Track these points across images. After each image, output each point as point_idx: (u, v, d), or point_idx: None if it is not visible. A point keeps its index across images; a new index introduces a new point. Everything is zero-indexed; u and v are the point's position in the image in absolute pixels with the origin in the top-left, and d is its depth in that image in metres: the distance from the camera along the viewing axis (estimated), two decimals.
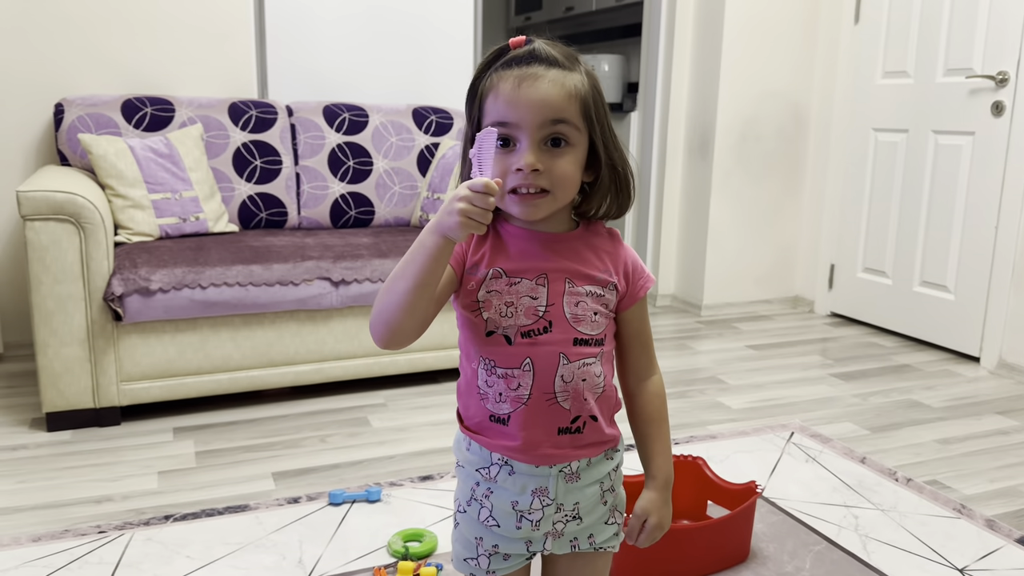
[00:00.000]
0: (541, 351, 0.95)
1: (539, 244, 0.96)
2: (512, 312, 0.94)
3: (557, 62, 0.92)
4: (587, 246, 0.99)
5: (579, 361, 0.96)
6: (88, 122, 2.72)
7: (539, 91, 0.89)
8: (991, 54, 3.02)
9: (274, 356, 2.49)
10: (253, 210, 2.91)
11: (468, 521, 1.03)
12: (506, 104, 0.90)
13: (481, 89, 0.93)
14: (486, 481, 1.00)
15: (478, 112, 0.93)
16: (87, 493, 1.96)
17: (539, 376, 0.95)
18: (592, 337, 0.97)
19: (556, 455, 0.98)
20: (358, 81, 3.38)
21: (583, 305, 0.97)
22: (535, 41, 0.93)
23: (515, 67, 0.91)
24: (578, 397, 0.97)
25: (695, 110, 3.81)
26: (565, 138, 0.92)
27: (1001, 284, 3.03)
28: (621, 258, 1.01)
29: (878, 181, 3.55)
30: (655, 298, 4.03)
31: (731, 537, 1.68)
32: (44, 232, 2.17)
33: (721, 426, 2.48)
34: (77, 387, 2.28)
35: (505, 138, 0.91)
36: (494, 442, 0.98)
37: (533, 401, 0.95)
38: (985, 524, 1.89)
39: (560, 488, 0.99)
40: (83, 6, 2.90)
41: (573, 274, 0.97)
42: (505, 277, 0.95)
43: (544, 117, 0.90)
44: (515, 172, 0.90)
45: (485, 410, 0.98)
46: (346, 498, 1.92)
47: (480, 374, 0.97)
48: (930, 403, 2.71)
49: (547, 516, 1.00)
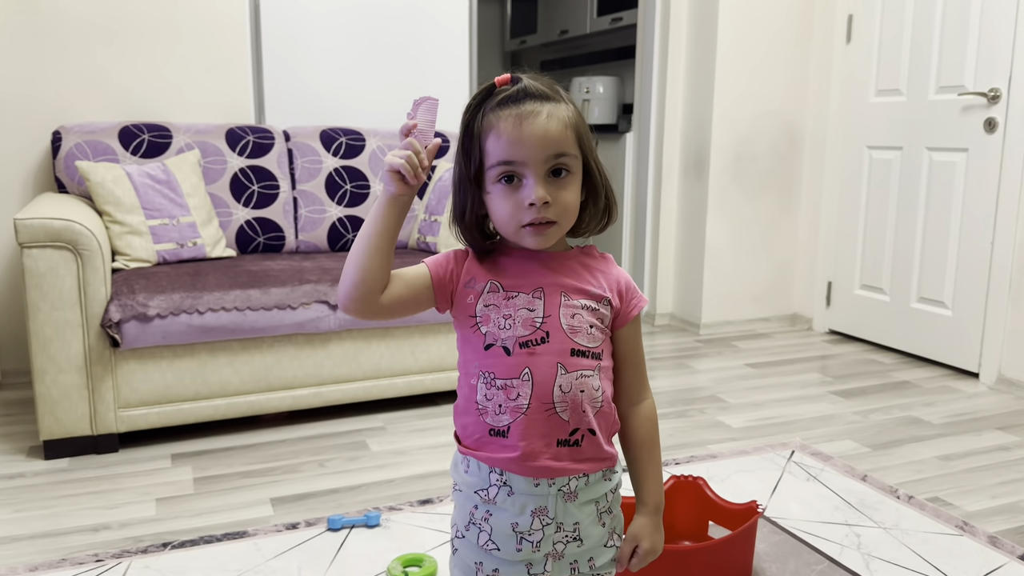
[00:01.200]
0: (539, 361, 0.97)
1: (536, 263, 1.00)
2: (510, 324, 0.97)
3: (548, 96, 0.96)
4: (581, 265, 1.03)
5: (576, 372, 0.98)
6: (86, 149, 2.73)
7: (540, 128, 0.93)
8: (983, 71, 3.04)
9: (272, 380, 2.49)
10: (251, 235, 2.92)
11: (467, 546, 1.03)
12: (509, 143, 0.93)
13: (477, 129, 0.96)
14: (485, 503, 1.00)
15: (479, 152, 0.96)
16: (84, 521, 1.95)
17: (538, 386, 0.97)
18: (589, 349, 1.00)
19: (555, 468, 0.98)
20: (355, 106, 3.40)
21: (579, 317, 0.99)
22: (522, 78, 0.97)
23: (510, 106, 0.94)
24: (576, 408, 0.98)
25: (690, 130, 3.83)
26: (567, 168, 0.96)
27: (998, 299, 3.03)
28: (614, 277, 1.05)
29: (873, 198, 3.56)
30: (653, 317, 4.03)
31: (733, 558, 1.67)
32: (41, 259, 2.18)
33: (721, 445, 2.47)
34: (74, 414, 2.27)
35: (510, 175, 0.94)
36: (494, 456, 0.99)
37: (532, 410, 0.97)
38: (988, 541, 1.88)
39: (559, 507, 1.00)
40: (80, 34, 2.93)
41: (568, 288, 1.00)
42: (502, 291, 0.98)
43: (548, 152, 0.94)
44: (528, 207, 0.94)
45: (484, 424, 0.99)
46: (345, 523, 1.91)
47: (479, 388, 0.98)
48: (930, 419, 2.70)
49: (547, 536, 1.00)
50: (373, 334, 2.60)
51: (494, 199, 0.96)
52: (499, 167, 0.94)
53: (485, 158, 0.95)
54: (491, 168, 0.95)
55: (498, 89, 0.96)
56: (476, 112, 0.96)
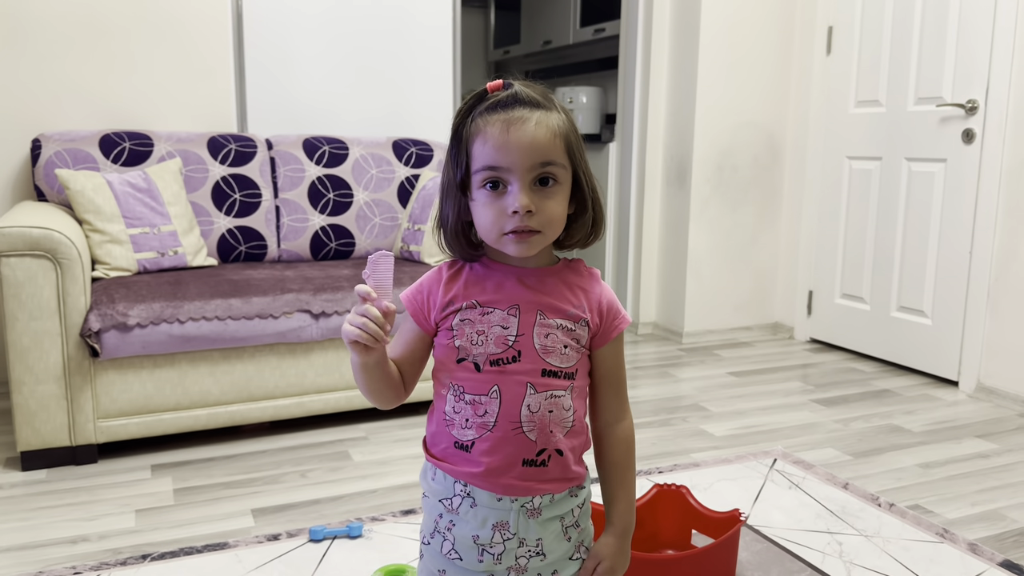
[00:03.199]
0: (509, 380, 0.96)
1: (515, 278, 0.99)
2: (483, 340, 0.96)
3: (539, 103, 0.94)
4: (563, 282, 1.00)
5: (547, 392, 0.97)
6: (66, 157, 2.71)
7: (527, 134, 0.91)
8: (960, 83, 3.08)
9: (253, 390, 2.47)
10: (232, 243, 2.90)
11: (432, 553, 1.03)
12: (496, 148, 0.91)
13: (466, 134, 0.94)
14: (448, 513, 1.00)
15: (466, 157, 0.94)
16: (63, 533, 1.92)
17: (505, 404, 0.96)
18: (561, 370, 0.98)
19: (519, 487, 0.97)
20: (338, 114, 3.40)
21: (553, 337, 0.98)
22: (514, 84, 0.95)
23: (499, 111, 0.92)
24: (544, 429, 0.97)
25: (672, 140, 3.86)
26: (554, 177, 0.94)
27: (977, 308, 3.06)
28: (596, 296, 1.02)
29: (853, 208, 3.60)
30: (637, 326, 4.04)
31: (716, 566, 1.67)
32: (20, 268, 2.15)
33: (704, 454, 2.48)
34: (53, 425, 2.24)
35: (495, 181, 0.92)
36: (458, 468, 0.98)
37: (499, 428, 0.96)
38: (968, 548, 1.89)
39: (521, 523, 0.99)
40: (61, 41, 2.91)
41: (545, 307, 0.98)
42: (479, 308, 0.97)
43: (534, 160, 0.91)
44: (511, 215, 0.92)
45: (451, 437, 0.99)
46: (327, 534, 1.89)
47: (448, 400, 0.98)
48: (911, 428, 2.72)
49: (509, 550, 0.99)
50: None
51: (478, 205, 0.94)
52: (484, 172, 0.92)
53: (471, 163, 0.93)
54: (476, 173, 0.93)
55: (490, 94, 0.94)
56: (466, 117, 0.95)
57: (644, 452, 2.48)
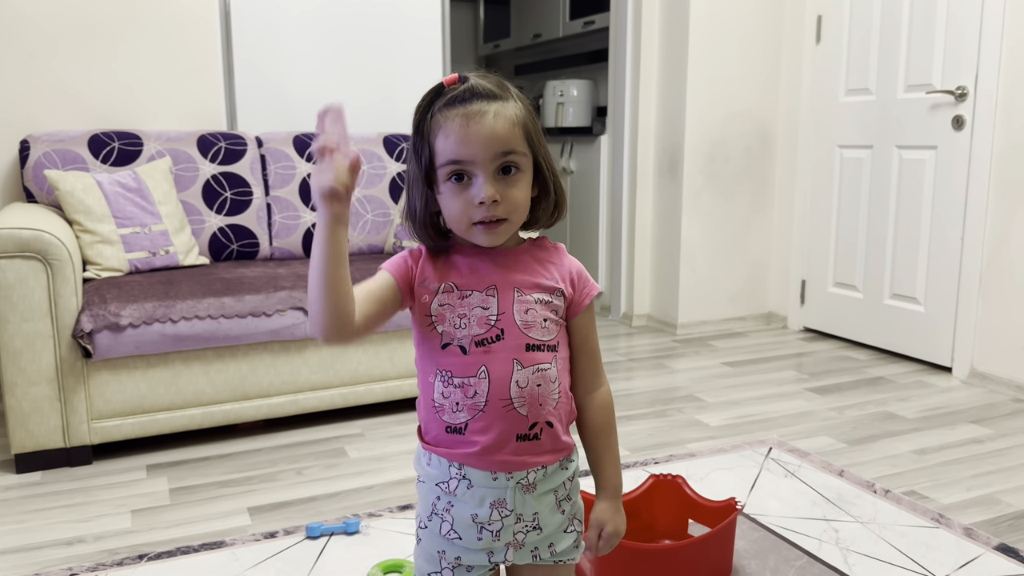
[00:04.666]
0: (495, 358, 0.98)
1: (488, 260, 1.01)
2: (465, 323, 0.98)
3: (495, 95, 0.96)
4: (534, 259, 1.04)
5: (533, 367, 0.99)
6: (55, 158, 2.70)
7: (487, 127, 0.94)
8: (950, 70, 3.09)
9: (248, 389, 2.46)
10: (224, 242, 2.89)
11: (430, 536, 1.05)
12: (458, 142, 0.94)
13: (426, 129, 0.97)
14: (446, 495, 1.02)
15: (429, 151, 0.96)
16: (58, 535, 1.92)
17: (494, 383, 0.98)
18: (544, 343, 1.01)
19: (514, 462, 1.00)
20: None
21: (532, 312, 1.00)
22: (469, 78, 0.97)
23: (458, 106, 0.95)
24: (534, 403, 0.99)
25: (663, 132, 3.85)
26: (516, 165, 0.97)
27: (969, 294, 3.07)
28: (566, 267, 1.06)
29: (845, 197, 3.60)
30: (631, 318, 4.04)
31: (713, 555, 1.67)
32: (10, 270, 2.14)
33: (700, 444, 2.48)
34: (47, 427, 2.24)
35: (460, 173, 0.95)
36: (453, 451, 1.00)
37: (490, 407, 0.98)
38: (963, 533, 1.90)
39: (518, 499, 1.01)
40: (47, 41, 2.89)
41: (521, 284, 1.01)
42: (456, 291, 0.99)
43: (495, 150, 0.94)
44: (478, 206, 0.95)
45: (441, 423, 1.00)
46: (324, 531, 1.89)
47: (436, 387, 1.00)
48: (905, 414, 2.73)
49: (507, 527, 1.02)
50: None
51: (445, 198, 0.97)
52: (448, 166, 0.95)
53: (435, 157, 0.96)
54: (441, 167, 0.96)
55: (446, 89, 0.97)
56: (425, 112, 0.97)
57: (640, 443, 2.49)
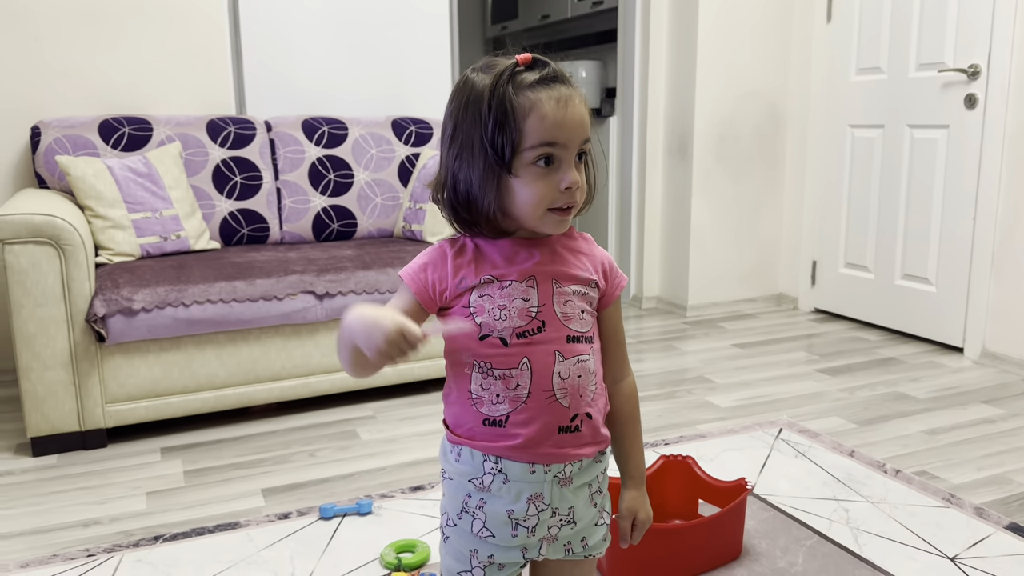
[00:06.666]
0: (537, 350, 0.97)
1: (523, 250, 0.99)
2: (506, 315, 0.96)
3: (571, 81, 0.96)
4: (565, 249, 1.02)
5: (574, 358, 0.98)
6: (65, 144, 2.71)
7: (578, 112, 0.94)
8: (962, 48, 3.06)
9: (260, 372, 2.48)
10: (234, 226, 2.90)
11: (460, 534, 1.02)
12: (555, 126, 0.92)
13: (513, 108, 0.92)
14: (479, 491, 1.00)
15: (518, 132, 0.92)
16: (75, 517, 1.94)
17: (537, 374, 0.96)
18: (582, 334, 1.00)
19: (556, 454, 0.98)
20: (337, 94, 3.38)
21: (571, 304, 0.99)
22: (548, 62, 0.95)
23: (545, 88, 0.93)
24: (575, 394, 0.98)
25: (673, 113, 3.83)
26: (588, 152, 0.97)
27: (981, 274, 3.06)
28: (598, 258, 1.05)
29: (856, 177, 3.58)
30: (640, 300, 4.04)
31: (723, 534, 1.68)
32: (24, 255, 2.16)
33: (710, 425, 2.49)
34: (62, 410, 2.26)
35: (550, 157, 0.93)
36: (491, 444, 0.98)
37: (532, 399, 0.96)
38: (974, 512, 1.90)
39: (555, 493, 1.00)
40: (56, 28, 2.89)
41: (558, 275, 0.99)
42: (496, 283, 0.97)
43: (582, 136, 0.95)
44: (562, 191, 0.94)
45: (478, 415, 0.98)
46: (337, 512, 1.91)
47: (474, 378, 0.98)
48: (916, 395, 2.73)
49: (542, 522, 1.00)
50: None
51: (524, 183, 0.93)
52: (541, 148, 0.92)
53: (524, 138, 0.92)
54: (529, 149, 0.92)
55: (522, 68, 0.93)
56: (505, 90, 0.92)
57: (649, 425, 2.49)
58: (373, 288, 2.53)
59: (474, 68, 0.98)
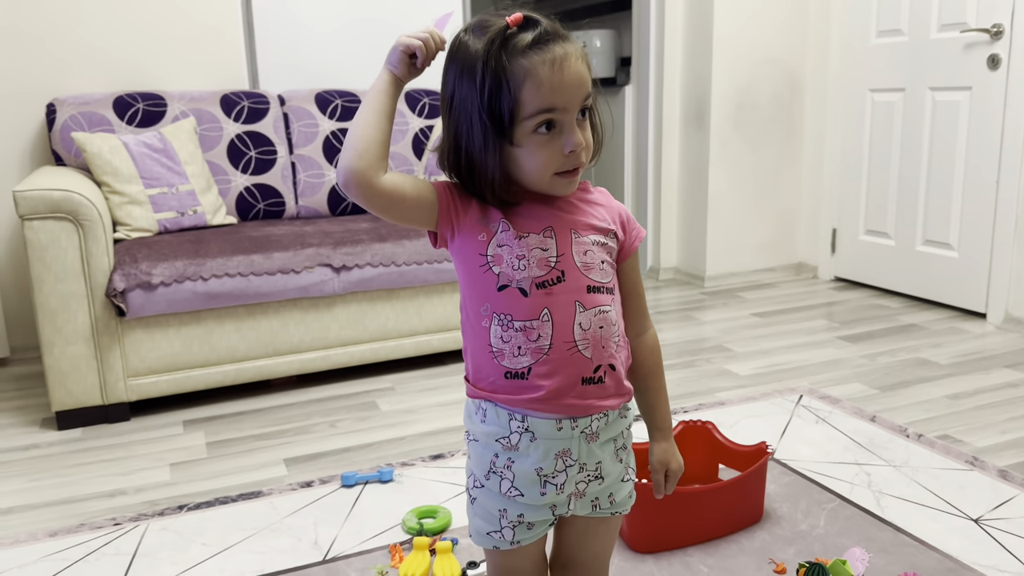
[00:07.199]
0: (557, 300, 0.96)
1: (541, 203, 0.98)
2: (524, 265, 0.96)
3: (565, 35, 0.92)
4: (582, 201, 1.02)
5: (595, 308, 0.97)
6: (81, 121, 2.71)
7: (575, 71, 0.91)
8: (984, 7, 2.99)
9: (279, 345, 2.49)
10: (251, 201, 2.91)
11: (488, 494, 1.02)
12: (552, 91, 0.90)
13: (507, 78, 0.89)
14: (507, 451, 0.99)
15: (514, 102, 0.89)
16: (101, 488, 1.97)
17: (558, 326, 0.95)
18: (603, 285, 0.99)
19: (580, 406, 0.98)
20: (349, 67, 3.36)
21: (591, 254, 0.98)
22: (534, 17, 0.92)
23: (539, 50, 0.89)
24: (597, 345, 0.97)
25: (689, 81, 3.79)
26: (590, 107, 0.95)
27: (1004, 239, 3.01)
28: (615, 209, 1.05)
29: (876, 142, 3.53)
30: (658, 271, 4.02)
31: (744, 498, 1.68)
32: (43, 231, 2.17)
33: (729, 392, 2.48)
34: (84, 385, 2.28)
35: (550, 122, 0.91)
36: (515, 397, 0.97)
37: (554, 351, 0.96)
38: (998, 474, 1.89)
39: (582, 448, 1.00)
40: (69, 4, 2.89)
41: (576, 225, 0.99)
42: (513, 231, 0.96)
43: (582, 95, 0.92)
44: (567, 155, 0.92)
45: (500, 368, 0.97)
46: (358, 479, 1.92)
47: (494, 331, 0.97)
48: (938, 360, 2.70)
49: (571, 478, 1.00)
50: (378, 296, 2.59)
51: (527, 151, 0.92)
52: (540, 115, 0.90)
53: (521, 107, 0.90)
54: (529, 118, 0.90)
55: (513, 30, 0.90)
56: (499, 57, 0.89)
57: (669, 393, 2.48)
58: (389, 260, 2.53)
59: (466, 28, 0.95)
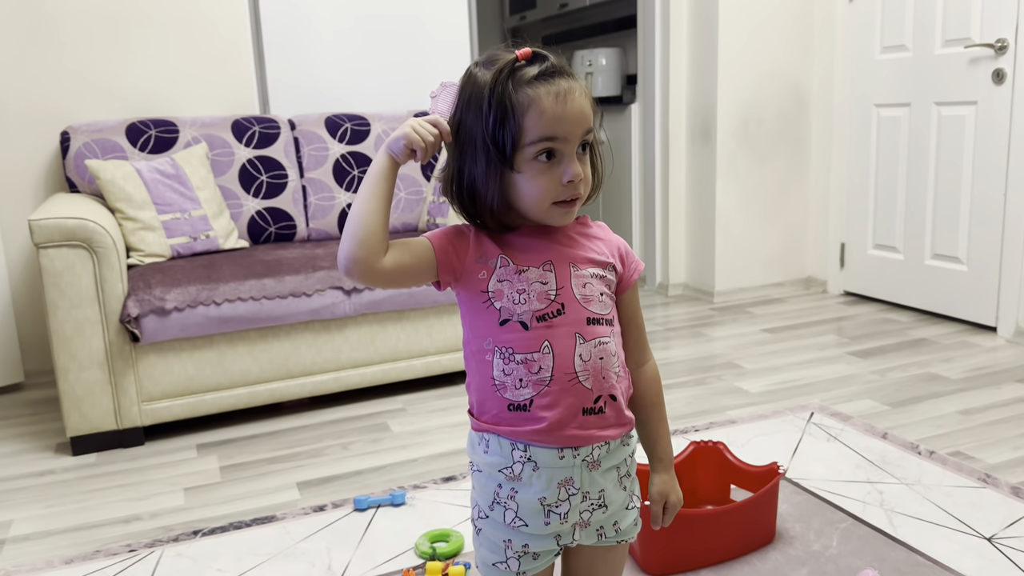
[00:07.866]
0: (557, 332, 0.98)
1: (539, 238, 1.01)
2: (525, 299, 0.98)
3: (572, 74, 0.97)
4: (581, 235, 1.04)
5: (595, 340, 0.99)
6: (94, 148, 2.75)
7: (578, 104, 0.95)
8: (988, 22, 3.00)
9: (291, 368, 2.51)
10: (262, 225, 2.94)
11: (492, 525, 1.03)
12: (554, 120, 0.93)
13: (514, 105, 0.93)
14: (509, 481, 1.00)
15: (517, 129, 0.94)
16: (115, 513, 1.98)
17: (558, 357, 0.97)
18: (602, 316, 1.01)
19: (581, 436, 0.99)
20: (358, 90, 3.40)
21: (590, 286, 1.01)
22: (547, 55, 0.96)
23: (545, 82, 0.94)
24: (598, 375, 0.99)
25: (695, 97, 3.81)
26: (591, 143, 0.98)
27: (1013, 251, 3.01)
28: (614, 243, 1.07)
29: (883, 157, 3.54)
30: (667, 288, 4.03)
31: (756, 519, 1.68)
32: (58, 258, 2.20)
33: (740, 411, 2.48)
34: (99, 410, 2.30)
35: (551, 151, 0.94)
36: (517, 429, 0.99)
37: (555, 382, 0.97)
38: (1011, 491, 1.88)
39: (584, 477, 1.01)
40: (82, 33, 2.94)
41: (575, 259, 1.01)
42: (513, 265, 0.99)
43: (583, 128, 0.96)
44: (565, 185, 0.95)
45: (503, 400, 0.99)
46: (371, 503, 1.93)
47: (496, 364, 0.99)
48: (949, 375, 2.70)
49: (574, 507, 1.01)
50: (388, 318, 2.61)
51: (526, 177, 0.95)
52: (541, 143, 0.93)
53: (524, 135, 0.94)
54: (530, 145, 0.93)
55: (522, 63, 0.94)
56: (505, 87, 0.93)
57: (679, 411, 2.49)
58: None
59: (477, 62, 1.00)
